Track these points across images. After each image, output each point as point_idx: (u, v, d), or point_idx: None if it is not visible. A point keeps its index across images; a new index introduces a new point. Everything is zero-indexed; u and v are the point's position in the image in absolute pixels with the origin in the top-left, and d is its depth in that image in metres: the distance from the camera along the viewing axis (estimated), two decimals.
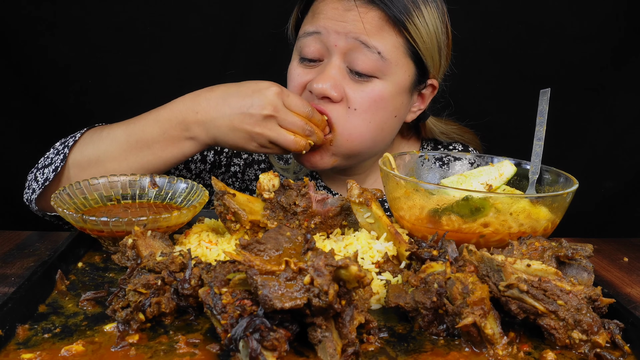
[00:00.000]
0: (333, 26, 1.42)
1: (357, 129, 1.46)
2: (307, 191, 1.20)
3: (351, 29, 1.41)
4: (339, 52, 1.43)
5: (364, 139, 1.48)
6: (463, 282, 0.89)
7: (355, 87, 1.44)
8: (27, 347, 0.84)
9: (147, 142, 1.42)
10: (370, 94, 1.44)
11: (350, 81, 1.44)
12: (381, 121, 1.48)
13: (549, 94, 1.33)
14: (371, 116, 1.46)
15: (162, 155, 1.43)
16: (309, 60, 1.49)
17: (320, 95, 1.43)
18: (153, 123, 1.42)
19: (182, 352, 0.84)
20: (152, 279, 0.93)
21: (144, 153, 1.43)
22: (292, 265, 0.81)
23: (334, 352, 0.80)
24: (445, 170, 1.45)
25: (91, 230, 1.16)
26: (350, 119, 1.45)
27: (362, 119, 1.45)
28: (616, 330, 0.90)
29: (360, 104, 1.44)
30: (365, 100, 1.44)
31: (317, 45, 1.46)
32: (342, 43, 1.42)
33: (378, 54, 1.41)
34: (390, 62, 1.43)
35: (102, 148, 1.45)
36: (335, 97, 1.43)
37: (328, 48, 1.45)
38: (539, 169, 1.33)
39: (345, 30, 1.41)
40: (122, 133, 1.45)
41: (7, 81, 2.08)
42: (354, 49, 1.42)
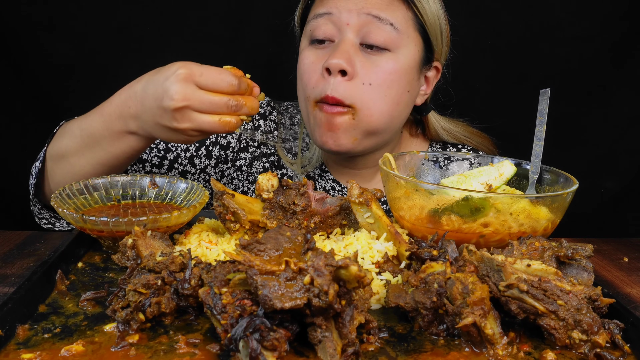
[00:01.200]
0: (345, 5, 1.45)
1: (375, 103, 1.47)
2: (306, 190, 1.20)
3: (363, 5, 1.44)
4: (352, 30, 1.46)
5: (382, 112, 1.49)
6: (463, 282, 0.89)
7: (369, 62, 1.46)
8: (27, 347, 0.84)
9: (96, 137, 1.37)
10: (384, 68, 1.46)
11: (363, 57, 1.46)
12: (396, 95, 1.50)
13: (549, 94, 1.33)
14: (386, 90, 1.47)
15: (112, 151, 1.37)
16: (319, 42, 1.50)
17: (337, 70, 1.43)
18: (99, 118, 1.37)
19: (182, 352, 0.84)
20: (152, 279, 0.93)
21: (96, 149, 1.38)
22: (292, 265, 0.81)
23: (334, 352, 0.80)
24: (445, 171, 1.45)
25: (91, 230, 1.16)
26: (367, 94, 1.46)
27: (378, 93, 1.46)
28: (616, 330, 0.90)
29: (374, 78, 1.46)
30: (379, 75, 1.46)
31: (328, 25, 1.47)
32: (354, 20, 1.45)
33: (391, 25, 1.45)
34: (402, 33, 1.47)
35: (64, 143, 1.43)
36: (350, 72, 1.43)
37: (339, 28, 1.47)
38: (539, 169, 1.33)
39: (357, 7, 1.44)
40: (77, 128, 1.42)
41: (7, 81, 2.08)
42: (366, 24, 1.45)
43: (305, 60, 1.52)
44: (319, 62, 1.48)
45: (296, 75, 1.60)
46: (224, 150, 1.74)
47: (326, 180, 1.73)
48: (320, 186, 1.73)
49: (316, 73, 1.49)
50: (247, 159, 1.76)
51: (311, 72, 1.50)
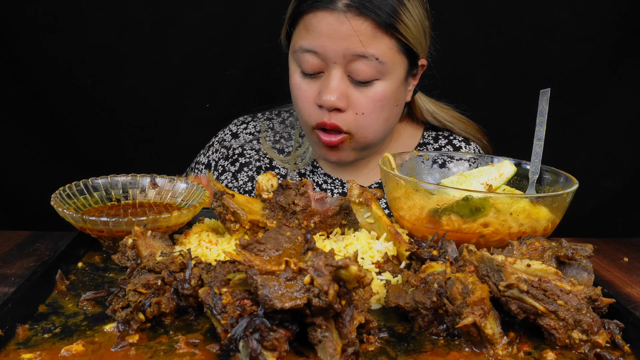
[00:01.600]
0: (330, 44, 1.48)
1: (369, 129, 1.57)
2: (306, 190, 1.20)
3: (348, 45, 1.47)
4: (339, 66, 1.50)
5: (376, 134, 1.60)
6: (463, 282, 0.89)
7: (359, 93, 1.53)
8: (27, 347, 0.84)
9: None
10: (374, 97, 1.53)
11: (353, 89, 1.52)
12: (387, 114, 1.59)
13: (549, 94, 1.33)
14: (378, 114, 1.55)
15: None
16: (310, 75, 1.55)
17: (331, 108, 1.51)
18: None
19: (182, 352, 0.84)
20: (152, 279, 0.93)
21: None
22: (292, 265, 0.81)
23: (334, 352, 0.80)
24: (445, 171, 1.45)
25: (91, 230, 1.16)
26: (361, 122, 1.55)
27: (372, 120, 1.55)
28: (616, 330, 0.90)
29: (366, 107, 1.53)
30: (370, 103, 1.53)
31: (315, 61, 1.51)
32: (340, 59, 1.49)
33: (376, 60, 1.49)
34: (388, 63, 1.51)
35: None
36: (343, 107, 1.51)
37: (327, 63, 1.51)
38: (539, 169, 1.33)
39: (342, 48, 1.47)
40: None
41: (7, 81, 2.08)
42: (352, 61, 1.49)
43: (297, 88, 1.58)
44: (311, 91, 1.55)
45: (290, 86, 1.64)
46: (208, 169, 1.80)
47: (318, 175, 1.77)
48: (313, 181, 1.77)
49: (310, 103, 1.55)
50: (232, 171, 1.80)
51: (305, 102, 1.56)
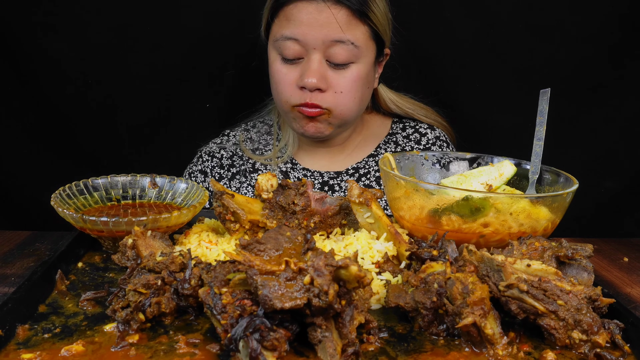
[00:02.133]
0: (310, 31, 1.63)
1: (347, 106, 1.72)
2: (306, 190, 1.20)
3: (326, 32, 1.63)
4: (318, 51, 1.65)
5: (352, 111, 1.75)
6: (463, 282, 0.89)
7: (337, 74, 1.68)
8: (27, 347, 0.84)
9: None
10: (350, 78, 1.69)
11: (331, 71, 1.68)
12: (362, 94, 1.75)
13: (549, 94, 1.33)
14: (354, 93, 1.71)
15: None
16: (291, 61, 1.69)
17: (313, 88, 1.65)
18: None
19: (182, 352, 0.84)
20: (152, 279, 0.93)
21: None
22: (292, 265, 0.81)
23: (334, 352, 0.80)
24: (445, 171, 1.45)
25: (91, 230, 1.16)
26: (339, 100, 1.70)
27: (349, 98, 1.71)
28: (616, 330, 0.90)
29: (344, 87, 1.69)
30: (348, 83, 1.69)
31: (296, 47, 1.66)
32: (320, 45, 1.64)
33: (352, 44, 1.65)
34: (362, 48, 1.67)
35: None
36: (324, 87, 1.66)
37: (307, 49, 1.66)
38: (539, 169, 1.33)
39: (321, 34, 1.63)
40: None
41: (6, 81, 2.08)
42: (330, 46, 1.64)
43: (278, 73, 1.72)
44: (292, 75, 1.69)
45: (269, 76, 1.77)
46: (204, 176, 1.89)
47: (298, 171, 1.88)
48: (294, 177, 1.89)
49: (292, 86, 1.69)
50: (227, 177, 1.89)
51: (286, 85, 1.70)
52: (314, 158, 1.92)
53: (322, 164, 1.91)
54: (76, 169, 2.04)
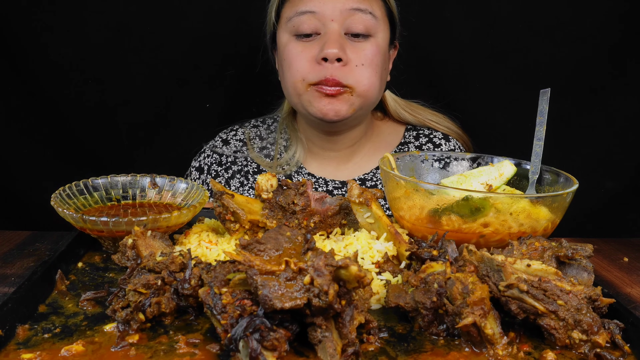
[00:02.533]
0: (327, 3, 1.59)
1: (369, 79, 1.64)
2: (305, 190, 1.20)
3: (344, 2, 1.59)
4: (336, 23, 1.60)
5: (374, 86, 1.66)
6: (463, 282, 0.89)
7: (357, 47, 1.62)
8: (27, 347, 0.84)
9: None
10: (370, 49, 1.63)
11: (350, 44, 1.62)
12: (381, 71, 1.69)
13: (549, 94, 1.33)
14: (375, 67, 1.65)
15: None
16: (305, 36, 1.62)
17: (334, 58, 1.57)
18: None
19: (182, 352, 0.84)
20: (152, 279, 0.93)
21: None
22: (292, 265, 0.81)
23: (334, 352, 0.80)
24: (445, 171, 1.45)
25: (91, 230, 1.16)
26: (361, 73, 1.62)
27: (370, 71, 1.63)
28: (616, 330, 0.90)
29: (364, 59, 1.62)
30: (368, 56, 1.62)
31: (312, 21, 1.60)
32: (338, 15, 1.60)
33: (370, 14, 1.62)
34: (379, 20, 1.65)
35: None
36: (345, 58, 1.59)
37: (324, 23, 1.60)
38: (539, 169, 1.33)
39: (338, 5, 1.59)
40: None
41: (6, 81, 2.08)
42: (348, 16, 1.60)
43: (293, 50, 1.63)
44: (308, 52, 1.61)
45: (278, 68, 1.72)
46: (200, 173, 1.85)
47: (303, 175, 1.83)
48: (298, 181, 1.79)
49: (308, 61, 1.61)
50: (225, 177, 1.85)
51: (302, 60, 1.61)
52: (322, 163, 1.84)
53: (328, 171, 1.83)
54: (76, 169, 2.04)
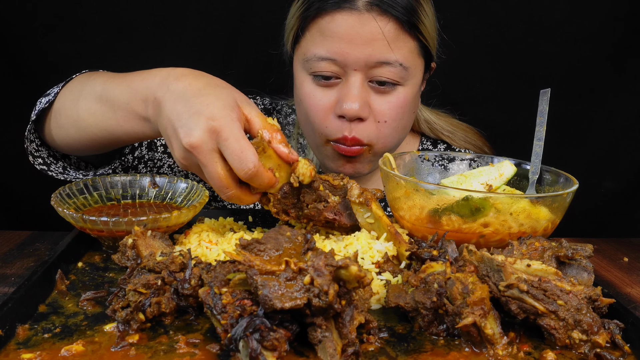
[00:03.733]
0: (351, 50, 1.36)
1: (389, 138, 1.48)
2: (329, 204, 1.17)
3: (370, 52, 1.37)
4: (359, 73, 1.40)
5: (394, 143, 1.52)
6: (463, 282, 0.89)
7: (381, 99, 1.43)
8: (27, 347, 0.84)
9: (114, 105, 1.27)
10: (396, 104, 1.44)
11: (374, 95, 1.43)
12: (408, 121, 1.52)
13: (549, 94, 1.33)
14: (399, 122, 1.47)
15: (123, 125, 1.27)
16: (324, 78, 1.43)
17: (354, 117, 1.41)
18: (125, 88, 1.26)
19: (182, 352, 0.84)
20: (152, 279, 0.93)
21: (109, 115, 1.28)
22: (292, 265, 0.81)
23: (334, 352, 0.80)
24: (446, 171, 1.45)
25: (91, 230, 1.16)
26: (382, 131, 1.45)
27: (392, 128, 1.47)
28: (616, 330, 0.90)
29: (389, 115, 1.44)
30: (393, 111, 1.44)
31: (332, 67, 1.40)
32: (362, 66, 1.39)
33: (400, 66, 1.40)
34: (410, 68, 1.43)
35: (83, 94, 1.35)
36: (365, 116, 1.42)
37: (345, 70, 1.41)
38: (539, 169, 1.33)
39: (364, 54, 1.37)
40: (100, 86, 1.32)
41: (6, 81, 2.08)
42: (374, 67, 1.39)
43: (311, 99, 1.45)
44: (327, 100, 1.43)
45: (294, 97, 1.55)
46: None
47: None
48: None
49: (327, 114, 1.44)
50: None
51: (321, 112, 1.44)
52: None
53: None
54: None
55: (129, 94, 1.24)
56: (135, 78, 1.26)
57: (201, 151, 1.06)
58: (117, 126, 1.28)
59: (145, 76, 1.23)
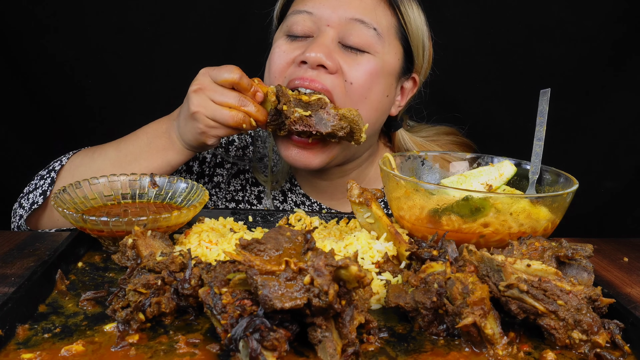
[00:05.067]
0: (327, 5, 1.40)
1: (357, 104, 1.40)
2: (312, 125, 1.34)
3: (346, 8, 1.40)
4: (332, 29, 1.40)
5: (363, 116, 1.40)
6: (463, 282, 0.89)
7: (350, 60, 1.40)
8: (27, 347, 0.84)
9: (135, 154, 1.45)
10: (365, 67, 1.40)
11: (343, 54, 1.40)
12: (376, 98, 1.44)
13: (549, 94, 1.33)
14: (367, 91, 1.41)
15: (148, 166, 1.43)
16: (296, 37, 1.43)
17: (315, 64, 1.36)
18: (142, 135, 1.46)
19: (182, 352, 0.84)
20: (152, 279, 0.93)
21: (132, 165, 1.43)
22: (292, 265, 0.81)
23: (334, 352, 0.80)
24: (445, 171, 1.45)
25: (91, 230, 1.16)
26: (349, 92, 1.39)
27: (360, 94, 1.40)
28: (616, 330, 0.90)
29: (356, 77, 1.39)
30: (361, 74, 1.39)
31: (306, 22, 1.42)
32: (335, 21, 1.40)
33: (374, 30, 1.41)
34: (384, 39, 1.43)
35: (95, 167, 1.46)
36: (330, 67, 1.36)
37: (319, 26, 1.41)
38: (539, 169, 1.33)
39: (339, 10, 1.40)
40: (113, 150, 1.48)
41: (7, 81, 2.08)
42: (348, 25, 1.40)
43: (277, 49, 1.44)
44: (292, 52, 1.41)
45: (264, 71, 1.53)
46: (201, 166, 1.74)
47: (296, 195, 1.68)
48: (291, 200, 1.68)
49: (287, 61, 1.41)
50: (223, 175, 1.74)
51: (282, 60, 1.42)
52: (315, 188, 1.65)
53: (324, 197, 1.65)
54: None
55: (147, 137, 1.45)
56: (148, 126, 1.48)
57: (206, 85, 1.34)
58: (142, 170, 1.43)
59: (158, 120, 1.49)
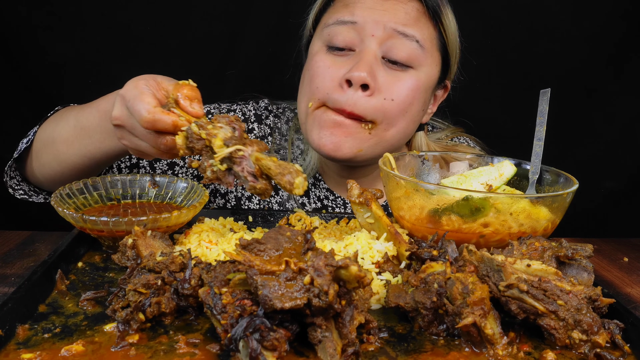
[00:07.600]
0: (371, 15, 1.39)
1: (396, 119, 1.42)
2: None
3: (390, 18, 1.39)
4: (376, 41, 1.39)
5: (399, 129, 1.45)
6: (463, 282, 0.89)
7: (391, 77, 1.40)
8: (27, 347, 0.84)
9: (89, 131, 1.35)
10: (407, 84, 1.41)
11: (384, 71, 1.40)
12: (415, 113, 1.46)
13: (549, 94, 1.33)
14: (408, 107, 1.42)
15: (101, 147, 1.35)
16: (338, 49, 1.42)
17: (360, 83, 1.36)
18: (95, 112, 1.34)
19: (182, 352, 0.84)
20: (152, 279, 0.93)
21: (86, 141, 1.36)
22: (292, 265, 0.81)
23: (334, 352, 0.80)
24: (445, 171, 1.45)
25: (91, 230, 1.16)
26: (388, 110, 1.40)
27: (400, 110, 1.41)
28: (616, 330, 0.90)
29: (398, 94, 1.40)
30: (402, 91, 1.40)
31: (350, 33, 1.40)
32: (380, 32, 1.39)
33: (416, 42, 1.40)
34: (427, 51, 1.42)
35: (58, 130, 1.42)
36: (372, 86, 1.37)
37: (362, 38, 1.40)
38: (539, 169, 1.33)
39: (384, 20, 1.39)
40: (73, 118, 1.40)
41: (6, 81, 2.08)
42: (391, 38, 1.39)
43: (320, 63, 1.43)
44: (336, 68, 1.40)
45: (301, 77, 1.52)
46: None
47: (320, 189, 1.67)
48: (314, 195, 1.67)
49: (332, 80, 1.40)
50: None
51: (326, 76, 1.41)
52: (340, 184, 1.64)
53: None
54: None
55: (98, 117, 1.33)
56: (101, 102, 1.35)
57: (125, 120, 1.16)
58: (95, 149, 1.37)
59: (110, 96, 1.33)
